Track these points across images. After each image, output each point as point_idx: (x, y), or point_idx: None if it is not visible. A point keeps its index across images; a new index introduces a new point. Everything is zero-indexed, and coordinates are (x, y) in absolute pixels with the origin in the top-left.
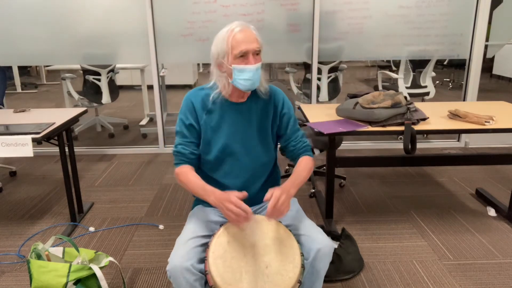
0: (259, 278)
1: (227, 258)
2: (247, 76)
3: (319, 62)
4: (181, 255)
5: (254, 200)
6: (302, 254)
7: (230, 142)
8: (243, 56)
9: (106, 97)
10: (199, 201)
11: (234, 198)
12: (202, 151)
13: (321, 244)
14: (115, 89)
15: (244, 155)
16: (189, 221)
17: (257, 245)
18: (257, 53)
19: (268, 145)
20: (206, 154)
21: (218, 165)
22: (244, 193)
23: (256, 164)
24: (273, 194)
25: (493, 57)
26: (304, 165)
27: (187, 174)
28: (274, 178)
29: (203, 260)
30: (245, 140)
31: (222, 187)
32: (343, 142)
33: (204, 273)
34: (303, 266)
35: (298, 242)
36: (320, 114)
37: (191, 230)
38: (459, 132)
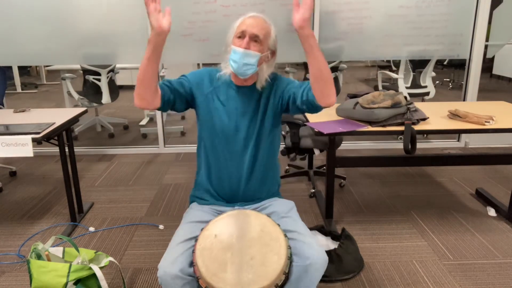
0: (243, 269)
1: (214, 250)
2: (234, 57)
3: None
4: (169, 261)
5: (253, 195)
6: (289, 247)
7: (227, 122)
8: (240, 37)
9: (106, 97)
10: (195, 198)
11: None
12: (202, 125)
13: (314, 258)
14: (115, 89)
15: (241, 140)
16: (182, 222)
17: (244, 238)
18: (255, 39)
19: (267, 133)
20: (206, 128)
21: (217, 143)
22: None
23: (252, 150)
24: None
25: (493, 57)
26: None
27: None
28: (274, 171)
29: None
30: (242, 124)
31: (219, 171)
32: (343, 142)
33: (192, 265)
34: (289, 259)
35: (291, 246)
36: (320, 114)
37: (182, 233)
38: (459, 132)
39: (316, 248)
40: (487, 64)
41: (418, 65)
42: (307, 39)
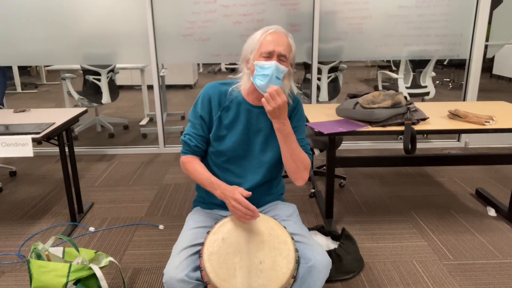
0: (253, 273)
1: (222, 254)
2: (266, 72)
3: (319, 62)
4: (175, 266)
5: (257, 204)
6: (296, 250)
7: (238, 143)
8: (268, 56)
9: (106, 97)
10: (198, 202)
11: (239, 196)
12: (214, 145)
13: (316, 260)
14: (115, 89)
15: (249, 158)
16: (185, 225)
17: (252, 241)
18: (282, 59)
19: (276, 153)
20: (218, 150)
21: (227, 162)
22: (249, 193)
23: (260, 169)
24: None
25: (493, 57)
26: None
27: (194, 163)
28: (278, 186)
29: (198, 268)
30: (252, 144)
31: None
32: (343, 142)
33: (199, 270)
34: (297, 262)
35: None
36: (320, 114)
37: (186, 238)
38: (459, 132)
39: (319, 250)
40: (487, 64)
41: (418, 65)
42: (278, 131)
